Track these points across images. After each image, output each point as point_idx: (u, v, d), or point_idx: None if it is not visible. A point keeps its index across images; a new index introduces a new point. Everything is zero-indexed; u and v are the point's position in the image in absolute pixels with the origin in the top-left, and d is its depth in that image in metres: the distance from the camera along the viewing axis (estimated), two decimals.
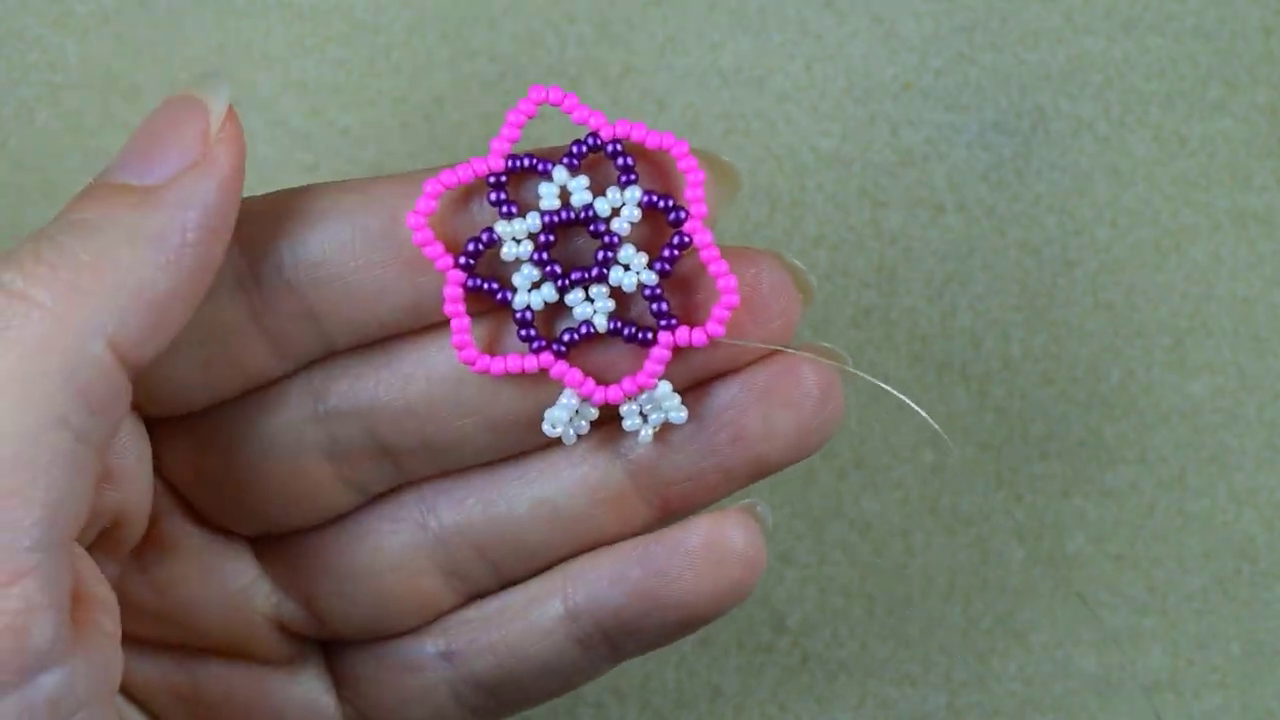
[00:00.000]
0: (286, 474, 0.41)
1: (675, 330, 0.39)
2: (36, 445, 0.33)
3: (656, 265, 0.39)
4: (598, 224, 0.39)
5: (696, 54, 0.53)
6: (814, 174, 0.53)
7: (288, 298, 0.39)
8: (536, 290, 0.39)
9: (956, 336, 0.53)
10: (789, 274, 0.40)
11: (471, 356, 0.39)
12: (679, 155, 0.38)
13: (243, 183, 0.37)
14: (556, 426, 0.39)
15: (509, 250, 0.38)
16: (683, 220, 0.38)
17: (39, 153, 0.53)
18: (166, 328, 0.36)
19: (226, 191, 0.36)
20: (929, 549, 0.52)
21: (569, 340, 0.39)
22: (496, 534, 0.41)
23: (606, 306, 0.39)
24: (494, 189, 0.39)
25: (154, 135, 0.37)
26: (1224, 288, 0.53)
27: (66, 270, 0.34)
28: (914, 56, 0.53)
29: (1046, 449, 0.53)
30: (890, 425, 0.53)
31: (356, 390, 0.40)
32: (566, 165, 0.39)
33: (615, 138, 0.39)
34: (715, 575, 0.40)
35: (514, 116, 0.39)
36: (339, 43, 0.54)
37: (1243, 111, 0.53)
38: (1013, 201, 0.53)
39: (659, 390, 0.39)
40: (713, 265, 0.38)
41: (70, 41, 0.54)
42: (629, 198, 0.38)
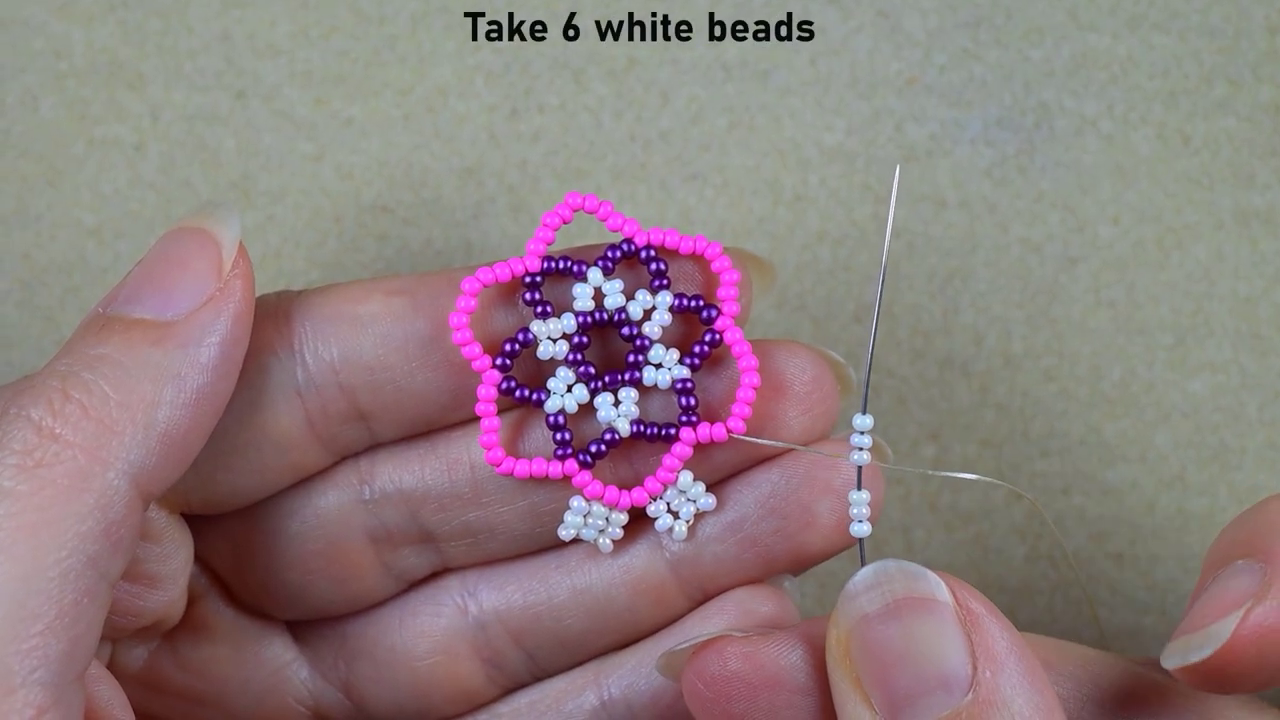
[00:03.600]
0: (329, 559, 0.41)
1: (697, 426, 0.39)
2: (65, 585, 0.33)
3: (687, 360, 0.40)
4: (631, 326, 0.40)
5: (701, 48, 0.53)
6: (817, 168, 0.53)
7: (340, 401, 0.39)
8: (570, 394, 0.40)
9: (958, 333, 0.53)
10: (828, 367, 0.40)
11: (497, 458, 0.40)
12: (712, 257, 0.39)
13: (254, 316, 0.37)
14: (571, 531, 0.40)
15: (545, 350, 0.39)
16: (714, 319, 0.39)
17: (43, 141, 0.53)
18: (183, 462, 0.36)
19: (241, 326, 0.37)
20: (929, 546, 0.52)
21: (595, 451, 0.40)
22: (535, 621, 0.42)
23: (631, 412, 0.40)
24: (528, 289, 0.40)
25: (167, 267, 0.37)
26: (1226, 286, 0.53)
27: (97, 409, 0.35)
28: (918, 52, 0.53)
29: (1047, 446, 0.53)
30: (891, 421, 0.53)
31: (401, 476, 0.40)
32: (601, 268, 0.39)
33: (650, 244, 0.40)
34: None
35: (549, 219, 0.40)
36: (344, 33, 0.54)
37: (1246, 110, 0.53)
38: (1015, 198, 0.53)
39: (681, 482, 0.40)
40: (742, 360, 0.39)
41: (75, 29, 0.54)
42: (660, 302, 0.40)
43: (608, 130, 0.53)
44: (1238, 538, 0.37)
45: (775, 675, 0.36)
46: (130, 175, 0.53)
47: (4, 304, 0.53)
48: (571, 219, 0.40)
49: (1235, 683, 0.35)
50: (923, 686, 0.33)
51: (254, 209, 0.53)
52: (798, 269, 0.53)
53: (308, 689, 0.43)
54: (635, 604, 0.41)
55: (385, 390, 0.39)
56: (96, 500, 0.34)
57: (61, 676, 0.33)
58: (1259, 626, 0.35)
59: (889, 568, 0.35)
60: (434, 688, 0.42)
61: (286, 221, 0.53)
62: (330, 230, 0.53)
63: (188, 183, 0.53)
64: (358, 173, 0.53)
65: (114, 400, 0.35)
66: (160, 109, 0.53)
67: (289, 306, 0.39)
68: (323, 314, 0.39)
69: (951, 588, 0.34)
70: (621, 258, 0.40)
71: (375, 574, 0.41)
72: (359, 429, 0.40)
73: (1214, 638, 0.35)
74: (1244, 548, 0.36)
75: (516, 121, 0.53)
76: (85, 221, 0.53)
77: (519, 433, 0.41)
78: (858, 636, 0.34)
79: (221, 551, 0.41)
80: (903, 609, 0.34)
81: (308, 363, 0.39)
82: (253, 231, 0.53)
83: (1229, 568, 0.36)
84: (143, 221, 0.53)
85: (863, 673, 0.34)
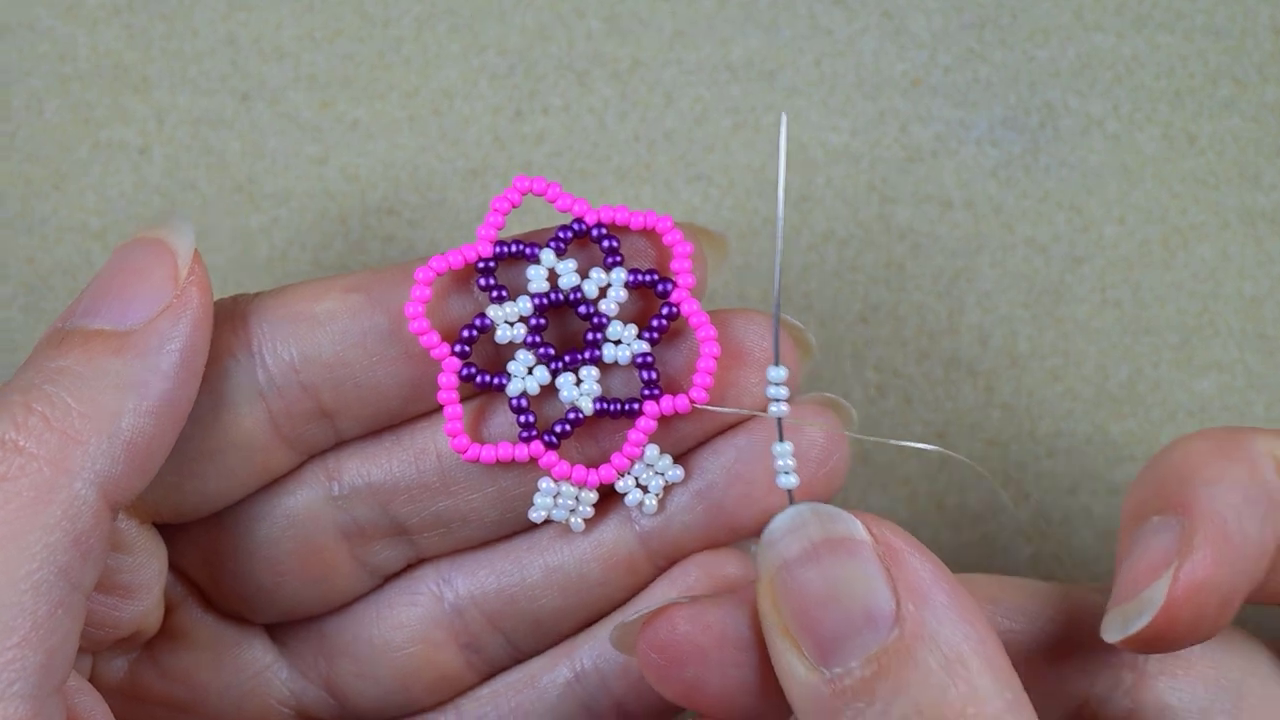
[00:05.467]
0: (303, 558, 0.41)
1: (660, 399, 0.39)
2: (38, 597, 0.33)
3: (646, 335, 0.40)
4: (587, 305, 0.40)
5: (706, 48, 0.53)
6: (823, 169, 0.53)
7: (302, 400, 0.39)
8: (531, 375, 0.40)
9: (964, 333, 0.53)
10: (787, 332, 0.40)
11: (463, 445, 0.40)
12: (664, 231, 0.40)
13: (213, 322, 0.37)
14: (541, 512, 0.40)
15: (503, 334, 0.40)
16: (670, 292, 0.39)
17: (48, 144, 0.53)
18: (149, 470, 0.36)
19: (200, 331, 0.37)
20: (935, 545, 0.52)
21: (560, 431, 0.40)
22: (510, 603, 0.42)
23: (593, 390, 0.40)
24: (482, 274, 0.40)
25: (123, 279, 0.37)
26: (1232, 286, 0.53)
27: (60, 421, 0.35)
28: (924, 53, 0.53)
29: (1053, 446, 0.53)
30: (898, 420, 0.53)
31: (369, 470, 0.41)
32: (554, 249, 0.40)
33: (600, 222, 0.40)
34: None
35: (499, 204, 0.40)
36: (349, 36, 0.54)
37: (1252, 110, 0.53)
38: (1021, 198, 0.53)
39: (648, 455, 0.40)
40: (700, 331, 0.39)
41: (80, 32, 0.54)
42: (615, 279, 0.40)
43: (612, 131, 0.53)
44: (1149, 491, 0.37)
45: (723, 633, 0.36)
46: (135, 179, 0.53)
47: (9, 308, 0.53)
48: (520, 202, 0.40)
49: (1179, 641, 0.36)
50: (849, 627, 0.33)
51: (259, 211, 0.53)
52: (804, 269, 0.53)
53: (289, 689, 0.43)
54: (608, 578, 0.42)
55: (347, 387, 0.39)
56: (64, 511, 0.34)
57: (40, 689, 0.33)
58: (1190, 584, 0.35)
59: (804, 512, 0.35)
60: (415, 677, 0.42)
61: (292, 224, 0.53)
62: (336, 232, 0.53)
63: (193, 186, 0.53)
64: (363, 175, 0.53)
65: (76, 411, 0.35)
66: (165, 112, 0.53)
67: (246, 309, 0.40)
68: (279, 314, 0.39)
69: (869, 525, 0.34)
70: (573, 238, 0.40)
71: (350, 570, 0.41)
72: (324, 427, 0.40)
73: (1149, 604, 0.35)
74: (1158, 501, 0.36)
75: (521, 123, 0.53)
76: (90, 225, 0.53)
77: (482, 419, 0.41)
78: (780, 583, 0.34)
79: (195, 558, 0.41)
80: (821, 551, 0.34)
81: (268, 364, 0.39)
82: (258, 234, 0.53)
83: (1147, 525, 0.36)
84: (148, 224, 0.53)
85: (789, 619, 0.34)
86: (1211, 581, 0.35)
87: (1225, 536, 0.35)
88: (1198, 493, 0.36)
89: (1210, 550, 0.35)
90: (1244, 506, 0.36)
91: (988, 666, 0.33)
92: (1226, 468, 0.36)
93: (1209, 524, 0.35)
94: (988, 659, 0.33)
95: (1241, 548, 0.35)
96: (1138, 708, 0.39)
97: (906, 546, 0.34)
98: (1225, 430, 0.37)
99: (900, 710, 0.32)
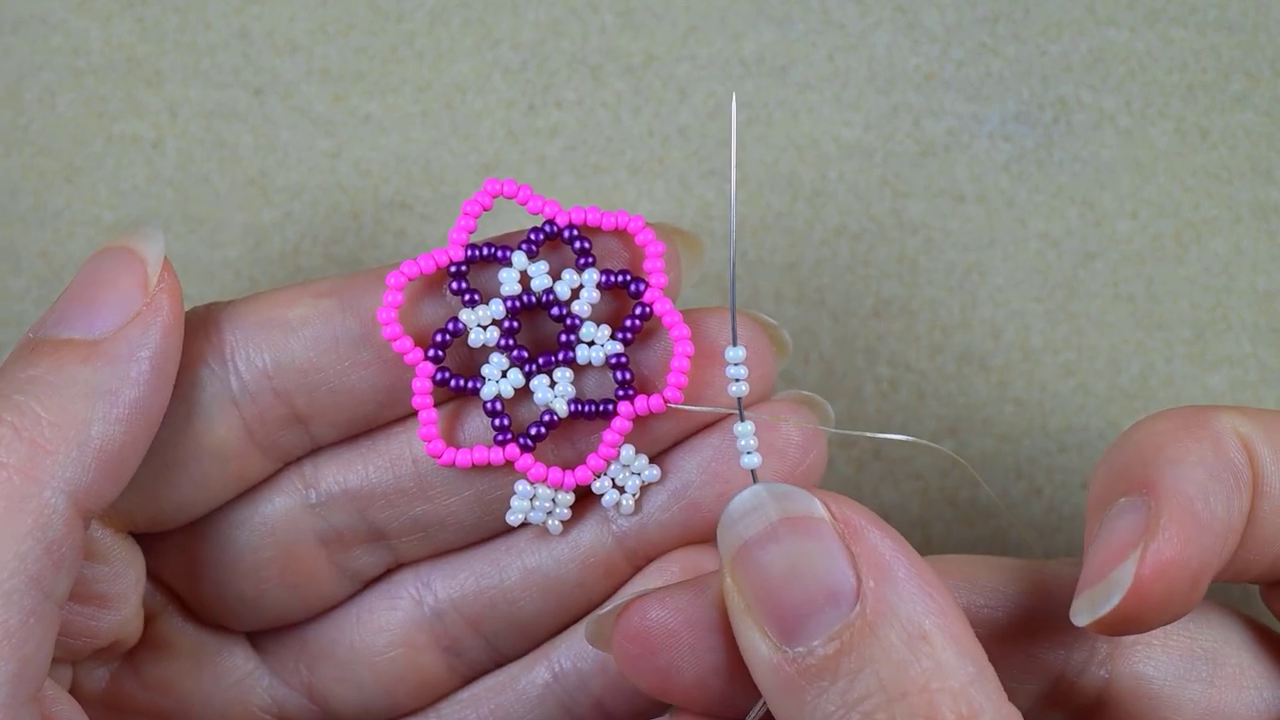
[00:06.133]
0: (282, 566, 0.41)
1: (634, 399, 0.39)
2: (9, 606, 0.33)
3: (619, 335, 0.39)
4: (560, 306, 0.39)
5: (719, 43, 0.53)
6: (836, 164, 0.53)
7: (276, 407, 0.39)
8: (505, 379, 0.39)
9: (977, 327, 0.53)
10: (762, 330, 0.40)
11: (438, 450, 0.39)
12: (635, 231, 0.39)
13: (184, 329, 0.37)
14: (519, 515, 0.40)
15: (475, 337, 0.39)
16: (643, 292, 0.39)
17: (62, 137, 0.53)
18: (121, 477, 0.36)
19: (171, 339, 0.37)
20: (948, 541, 0.52)
21: (535, 433, 0.40)
22: (490, 606, 0.42)
23: (567, 392, 0.40)
24: (454, 278, 0.40)
25: (93, 288, 0.37)
26: (1245, 280, 0.53)
27: (29, 430, 0.35)
28: (936, 47, 0.53)
29: (1066, 441, 0.53)
30: (910, 415, 0.53)
31: (345, 476, 0.41)
32: (525, 251, 0.39)
33: (571, 224, 0.39)
34: None
35: (469, 207, 0.40)
36: (362, 30, 0.54)
37: (1265, 104, 0.53)
38: (1034, 193, 0.53)
39: (623, 456, 0.40)
40: (674, 330, 0.39)
41: (93, 26, 0.54)
42: (587, 280, 0.39)
43: (626, 126, 0.53)
44: (1115, 473, 0.37)
45: (692, 617, 0.36)
46: (148, 172, 0.53)
47: (22, 301, 0.53)
48: (492, 205, 0.40)
49: (1149, 622, 0.35)
50: (810, 605, 0.33)
51: (272, 206, 0.53)
52: (816, 264, 0.53)
53: (270, 697, 0.43)
54: (585, 579, 0.42)
55: (320, 392, 0.39)
56: (34, 520, 0.34)
57: (13, 697, 0.33)
58: (1157, 564, 0.35)
59: (761, 492, 0.35)
60: (397, 682, 0.42)
61: (304, 218, 0.53)
62: (348, 227, 0.53)
63: (206, 179, 0.53)
64: (375, 169, 0.53)
65: (46, 420, 0.35)
66: (178, 106, 0.53)
67: (218, 316, 0.39)
68: (251, 321, 0.39)
69: (828, 503, 0.34)
70: (545, 240, 0.40)
71: (329, 576, 0.41)
72: (298, 433, 0.40)
73: (1117, 585, 0.35)
74: (1123, 483, 0.36)
75: (534, 117, 0.53)
76: (103, 218, 0.53)
77: (457, 422, 0.41)
78: (740, 564, 0.34)
79: (174, 568, 0.41)
80: (780, 530, 0.34)
81: (240, 371, 0.39)
82: (270, 228, 0.53)
83: (1114, 508, 0.36)
84: (160, 218, 0.53)
85: (750, 600, 0.34)
86: (1179, 560, 0.35)
87: (1192, 515, 0.35)
88: (1163, 472, 0.36)
89: (1177, 529, 0.35)
90: (1210, 484, 0.35)
91: (951, 640, 0.33)
92: (1191, 446, 0.36)
93: (1175, 503, 0.35)
94: (950, 633, 0.33)
95: (1209, 525, 0.35)
96: (1114, 679, 0.39)
97: (866, 523, 0.34)
98: (1189, 409, 0.37)
99: (864, 686, 0.32)
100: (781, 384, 0.53)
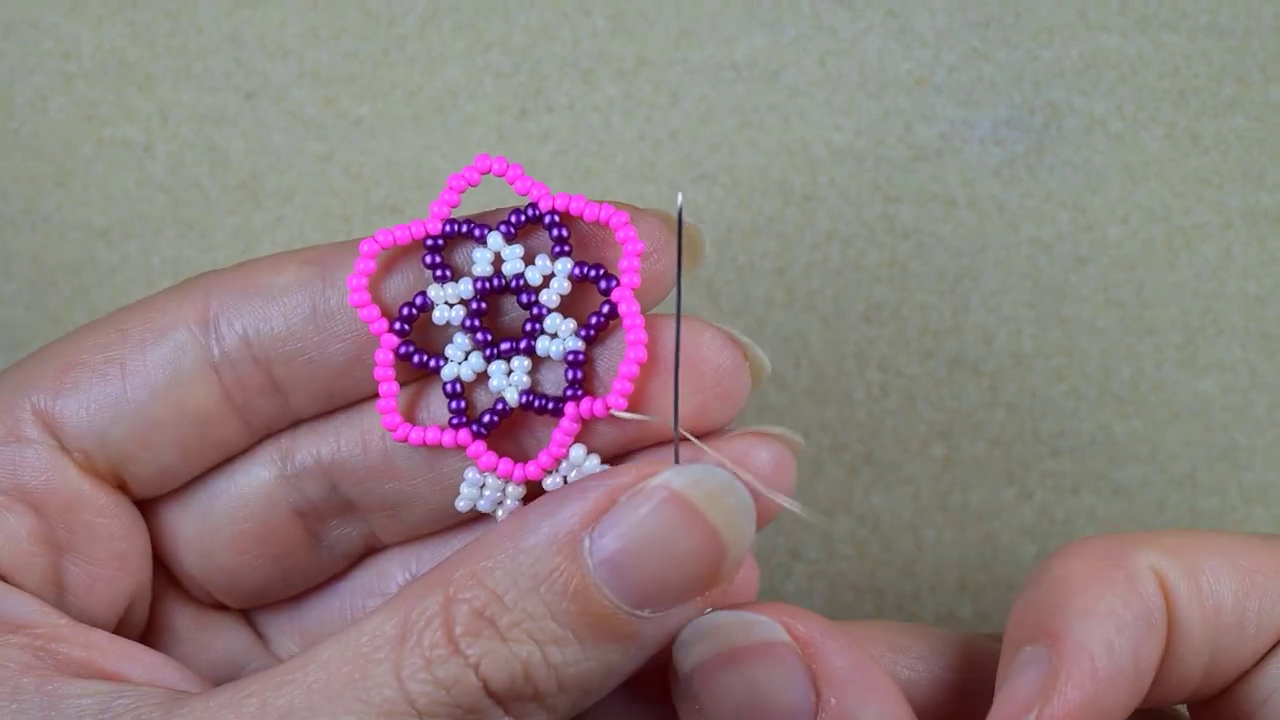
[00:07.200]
0: (260, 537, 0.41)
1: (580, 400, 0.38)
2: None
3: (582, 332, 0.39)
4: (528, 293, 0.39)
5: (710, 47, 0.53)
6: (827, 168, 0.53)
7: (255, 374, 0.39)
8: (466, 361, 0.39)
9: (968, 332, 0.53)
10: (738, 348, 0.39)
11: (394, 423, 0.39)
12: (617, 226, 0.38)
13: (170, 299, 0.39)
14: (466, 503, 0.40)
15: (440, 314, 0.39)
16: (611, 289, 0.38)
17: (53, 141, 0.53)
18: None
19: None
20: (939, 544, 0.53)
21: (488, 422, 0.39)
22: None
23: (521, 382, 0.39)
24: (430, 252, 0.39)
25: None
26: (1235, 286, 0.53)
27: None
28: (928, 52, 0.53)
29: (1057, 445, 0.53)
30: (900, 419, 0.53)
31: (319, 448, 0.40)
32: (503, 233, 0.39)
33: (554, 209, 0.39)
34: None
35: (455, 181, 0.39)
36: (353, 34, 0.54)
37: (1255, 110, 0.53)
38: (1025, 197, 0.53)
39: (573, 456, 0.39)
40: (630, 334, 0.38)
41: (84, 30, 0.54)
42: (560, 269, 0.38)
43: (617, 130, 0.53)
44: (1028, 614, 0.37)
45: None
46: (139, 176, 0.53)
47: (13, 305, 0.53)
48: (479, 182, 0.39)
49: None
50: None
51: (263, 209, 0.53)
52: (807, 268, 0.53)
53: None
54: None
55: (298, 362, 0.39)
56: None
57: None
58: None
59: (720, 620, 0.35)
60: None
61: (295, 221, 0.53)
62: (339, 230, 0.53)
63: (197, 183, 0.53)
64: (367, 173, 0.53)
65: None
66: (169, 109, 0.53)
67: (206, 282, 0.40)
68: (235, 287, 0.39)
69: (787, 624, 0.35)
70: (525, 223, 0.39)
71: (308, 549, 0.42)
72: (277, 402, 0.40)
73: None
74: (1033, 627, 0.36)
75: (525, 121, 0.53)
76: (94, 222, 0.53)
77: (421, 400, 0.40)
78: (701, 688, 0.35)
79: (161, 540, 0.42)
80: (739, 657, 0.35)
81: (222, 336, 0.39)
82: (261, 232, 0.53)
83: (1021, 653, 0.36)
84: (151, 222, 0.53)
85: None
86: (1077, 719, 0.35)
87: (1093, 674, 0.35)
88: (1069, 624, 0.36)
89: (1076, 690, 0.35)
90: (1117, 636, 0.35)
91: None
92: (1101, 594, 0.36)
93: (1076, 662, 0.35)
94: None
95: (1112, 682, 0.35)
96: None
97: (822, 636, 0.35)
98: (1105, 544, 0.37)
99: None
100: (772, 388, 0.53)
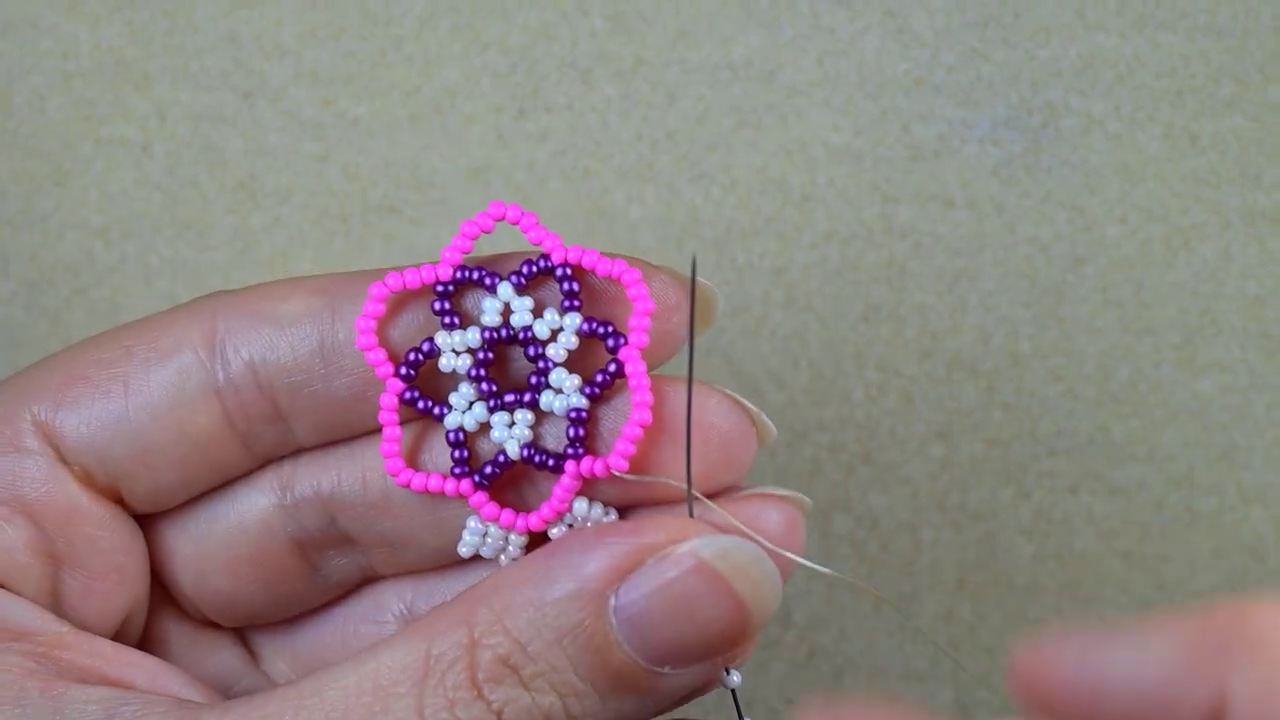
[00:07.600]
0: (256, 563, 0.41)
1: (581, 459, 0.38)
2: None
3: (587, 390, 0.38)
4: (536, 346, 0.38)
5: (708, 48, 0.53)
6: (825, 168, 0.53)
7: (259, 401, 0.39)
8: (470, 410, 0.39)
9: (966, 332, 0.53)
10: (744, 413, 0.39)
11: (396, 468, 0.39)
12: (629, 284, 0.38)
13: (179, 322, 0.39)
14: (469, 549, 0.39)
15: (446, 362, 0.38)
16: (619, 348, 0.38)
17: (50, 141, 0.53)
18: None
19: None
20: (937, 545, 0.53)
21: (489, 473, 0.39)
22: None
23: (523, 436, 0.38)
24: (439, 298, 0.39)
25: None
26: (1234, 286, 0.53)
27: None
28: (926, 52, 0.53)
29: (1055, 446, 0.53)
30: (898, 420, 0.53)
31: (319, 480, 0.40)
32: (513, 283, 0.38)
33: (566, 263, 0.38)
34: None
35: (468, 228, 0.39)
36: (351, 33, 0.54)
37: (1254, 110, 0.53)
38: (1023, 198, 0.53)
39: (577, 510, 0.39)
40: (636, 395, 0.37)
41: (82, 29, 0.54)
42: (568, 324, 0.38)
43: (615, 130, 0.53)
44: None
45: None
46: (137, 175, 0.53)
47: (10, 305, 0.53)
48: (493, 229, 0.39)
49: None
50: None
51: (260, 210, 0.53)
52: (805, 269, 0.53)
53: None
54: None
55: (303, 393, 0.39)
56: None
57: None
58: None
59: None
60: None
61: (293, 222, 0.53)
62: (337, 230, 0.53)
63: (194, 183, 0.53)
64: (364, 173, 0.53)
65: None
66: (167, 109, 0.53)
67: (214, 303, 0.40)
68: (243, 312, 0.39)
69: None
70: (537, 274, 0.38)
71: (305, 577, 0.42)
72: (279, 430, 0.40)
73: None
74: None
75: (524, 122, 0.53)
76: (92, 222, 0.53)
77: (424, 443, 0.40)
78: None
79: (161, 559, 0.42)
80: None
81: (228, 361, 0.39)
82: (259, 232, 0.53)
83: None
84: (149, 222, 0.53)
85: None
86: None
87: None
88: None
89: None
90: None
91: None
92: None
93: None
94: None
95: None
96: None
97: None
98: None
99: None
100: (771, 388, 0.53)
